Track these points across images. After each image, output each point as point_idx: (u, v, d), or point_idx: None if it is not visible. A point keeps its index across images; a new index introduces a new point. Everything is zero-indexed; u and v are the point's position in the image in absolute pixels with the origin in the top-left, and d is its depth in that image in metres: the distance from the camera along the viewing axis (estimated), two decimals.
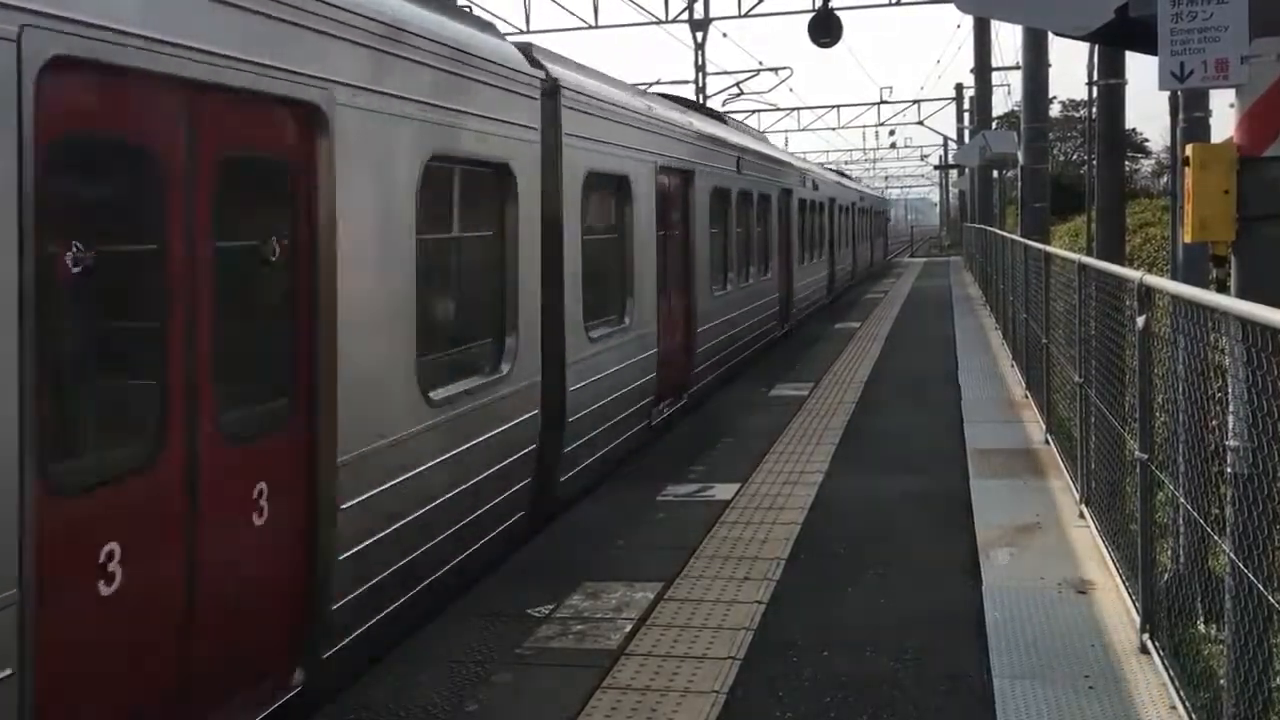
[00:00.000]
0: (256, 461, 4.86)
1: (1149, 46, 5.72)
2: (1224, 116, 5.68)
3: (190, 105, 4.40)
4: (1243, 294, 5.30)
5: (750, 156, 16.85)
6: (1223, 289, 5.58)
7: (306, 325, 5.20)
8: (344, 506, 5.37)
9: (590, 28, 30.56)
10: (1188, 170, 5.52)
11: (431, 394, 6.38)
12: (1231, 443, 4.61)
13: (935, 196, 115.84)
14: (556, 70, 8.80)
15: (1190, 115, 7.26)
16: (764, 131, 45.59)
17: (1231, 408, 4.75)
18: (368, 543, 5.62)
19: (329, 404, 5.25)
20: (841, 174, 41.79)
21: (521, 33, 27.54)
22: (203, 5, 4.37)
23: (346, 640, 5.48)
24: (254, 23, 4.67)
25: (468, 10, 8.74)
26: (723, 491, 8.85)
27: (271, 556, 4.98)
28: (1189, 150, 5.57)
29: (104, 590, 3.93)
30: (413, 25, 6.15)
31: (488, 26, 7.98)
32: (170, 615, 4.32)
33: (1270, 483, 3.90)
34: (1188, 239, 5.64)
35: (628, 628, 6.01)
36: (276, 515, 4.94)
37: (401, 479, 5.98)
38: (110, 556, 3.95)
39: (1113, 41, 7.44)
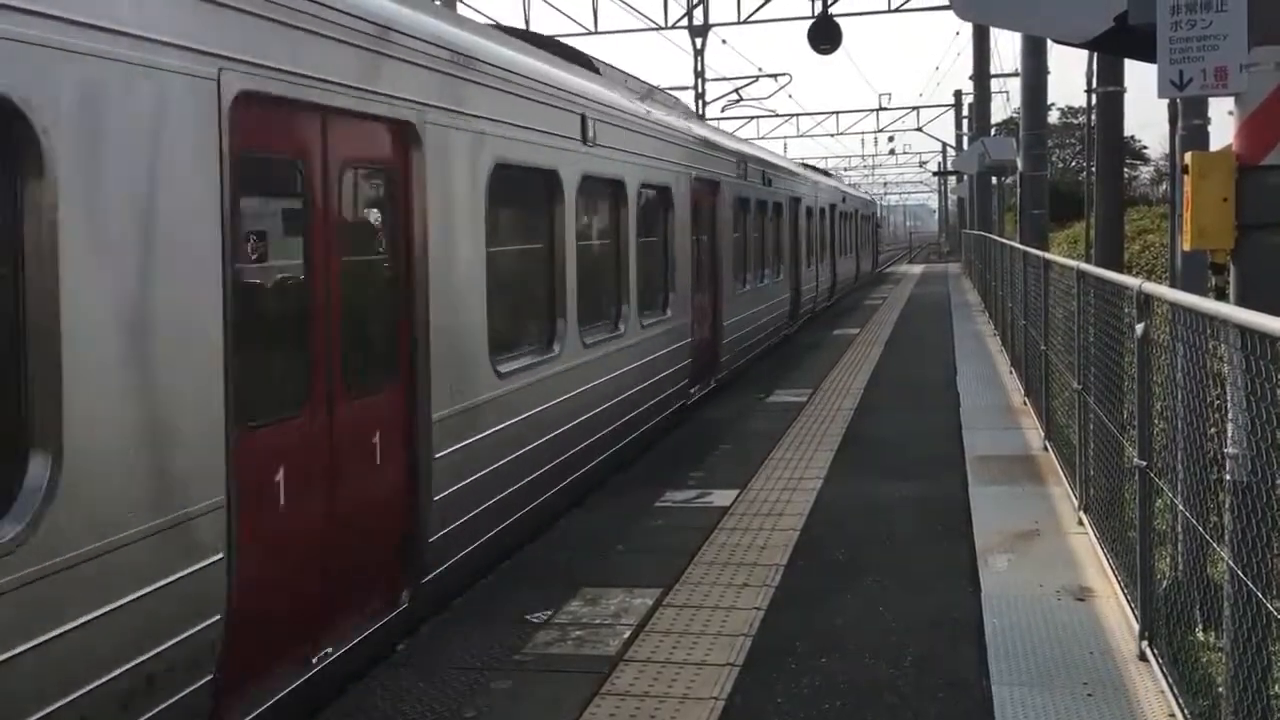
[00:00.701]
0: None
1: (1148, 54, 5.73)
2: (1224, 124, 5.71)
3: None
4: (1242, 301, 5.31)
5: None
6: (1221, 296, 5.59)
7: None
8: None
9: (590, 33, 30.60)
10: (1187, 178, 5.53)
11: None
12: (1230, 450, 4.61)
13: (934, 203, 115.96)
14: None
15: (1189, 123, 7.28)
16: (763, 137, 45.58)
17: (1230, 415, 4.75)
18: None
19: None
20: (818, 170, 33.80)
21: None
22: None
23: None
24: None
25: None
26: (721, 497, 8.85)
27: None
28: (1188, 158, 5.58)
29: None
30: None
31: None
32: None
33: (1269, 491, 3.90)
34: (1187, 247, 5.65)
35: (626, 633, 6.01)
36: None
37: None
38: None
39: (1112, 49, 7.44)
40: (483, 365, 7.07)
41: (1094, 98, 12.92)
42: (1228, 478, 4.57)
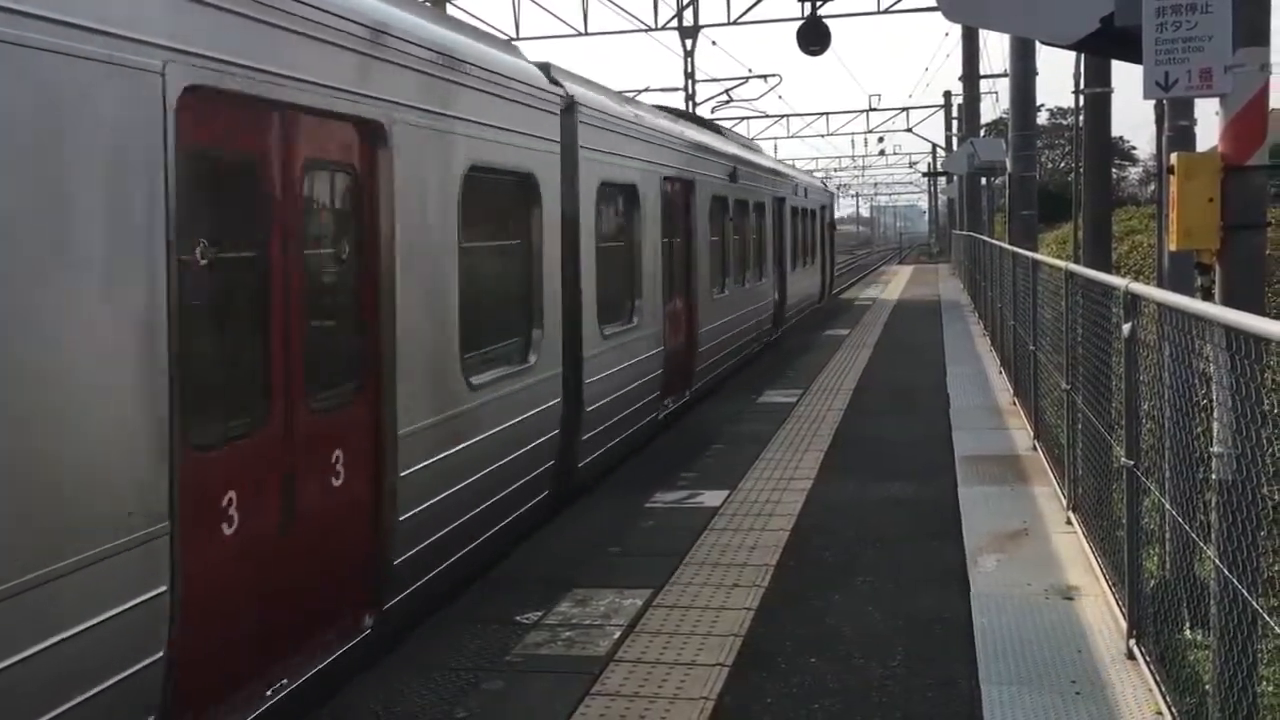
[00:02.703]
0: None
1: (1134, 55, 5.76)
2: (1211, 124, 5.72)
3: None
4: (1227, 301, 5.34)
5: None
6: (1208, 296, 5.62)
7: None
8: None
9: (580, 34, 30.60)
10: (1173, 179, 5.56)
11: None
12: (1216, 449, 4.64)
13: (924, 204, 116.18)
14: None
15: (1176, 124, 7.29)
16: (754, 138, 45.53)
17: (1216, 414, 4.78)
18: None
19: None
20: (748, 147, 21.78)
21: (511, 39, 27.54)
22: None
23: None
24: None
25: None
26: (712, 498, 8.87)
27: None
28: (1174, 159, 5.62)
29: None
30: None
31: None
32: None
33: (1254, 489, 3.93)
34: (1173, 247, 5.69)
35: (617, 634, 6.02)
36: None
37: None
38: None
39: (1099, 50, 7.48)
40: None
41: (1082, 99, 12.97)
42: (1214, 477, 4.60)
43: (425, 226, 6.38)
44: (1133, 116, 78.87)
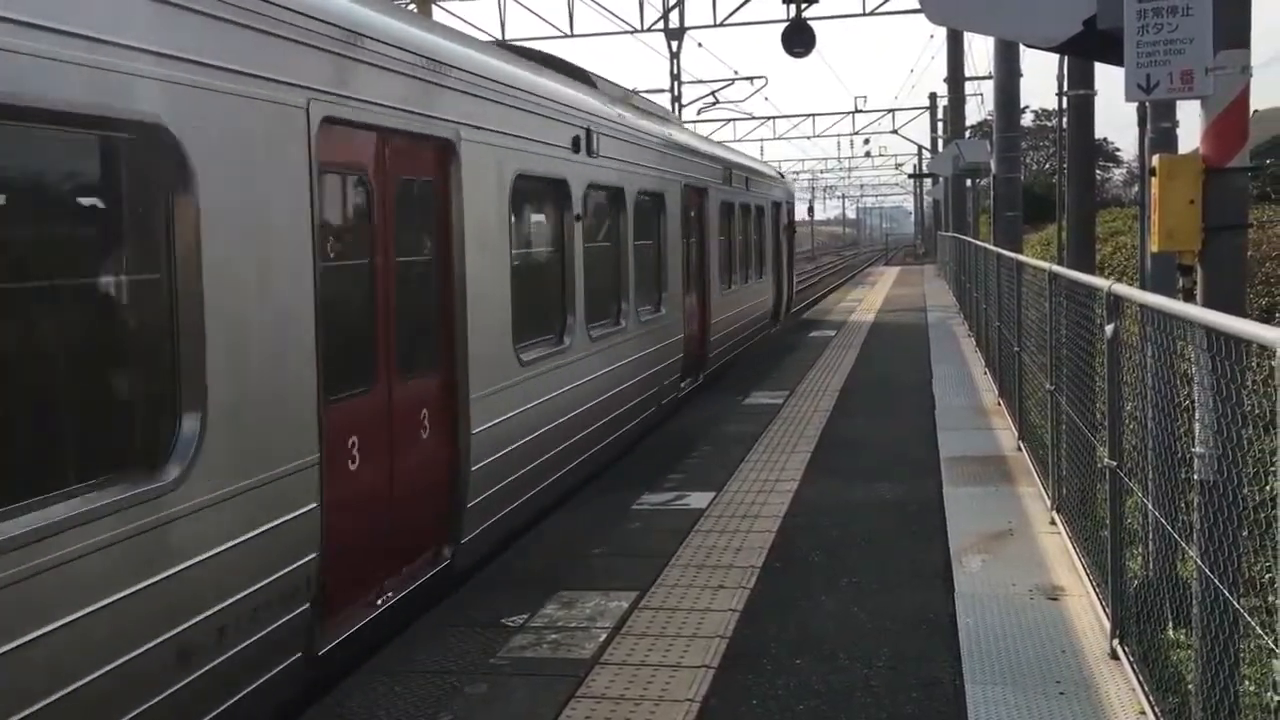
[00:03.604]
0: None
1: (1117, 58, 5.79)
2: (1194, 126, 5.75)
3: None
4: (1209, 302, 5.37)
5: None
6: (1189, 298, 5.65)
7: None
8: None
9: (565, 36, 30.60)
10: (1154, 180, 5.59)
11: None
12: (1198, 449, 4.66)
13: (910, 205, 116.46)
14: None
15: (1158, 126, 7.33)
16: (740, 140, 45.50)
17: (1198, 415, 4.80)
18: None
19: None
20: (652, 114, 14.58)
21: (498, 42, 27.51)
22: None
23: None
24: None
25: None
26: (698, 500, 8.88)
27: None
28: (1155, 161, 5.64)
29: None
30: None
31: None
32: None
33: (1235, 489, 3.95)
34: (1155, 248, 5.71)
35: (602, 636, 6.02)
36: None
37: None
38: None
39: (1081, 53, 7.51)
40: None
41: (1065, 101, 13.01)
42: (1196, 477, 4.62)
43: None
44: (1117, 118, 79.29)
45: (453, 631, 6.16)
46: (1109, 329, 5.61)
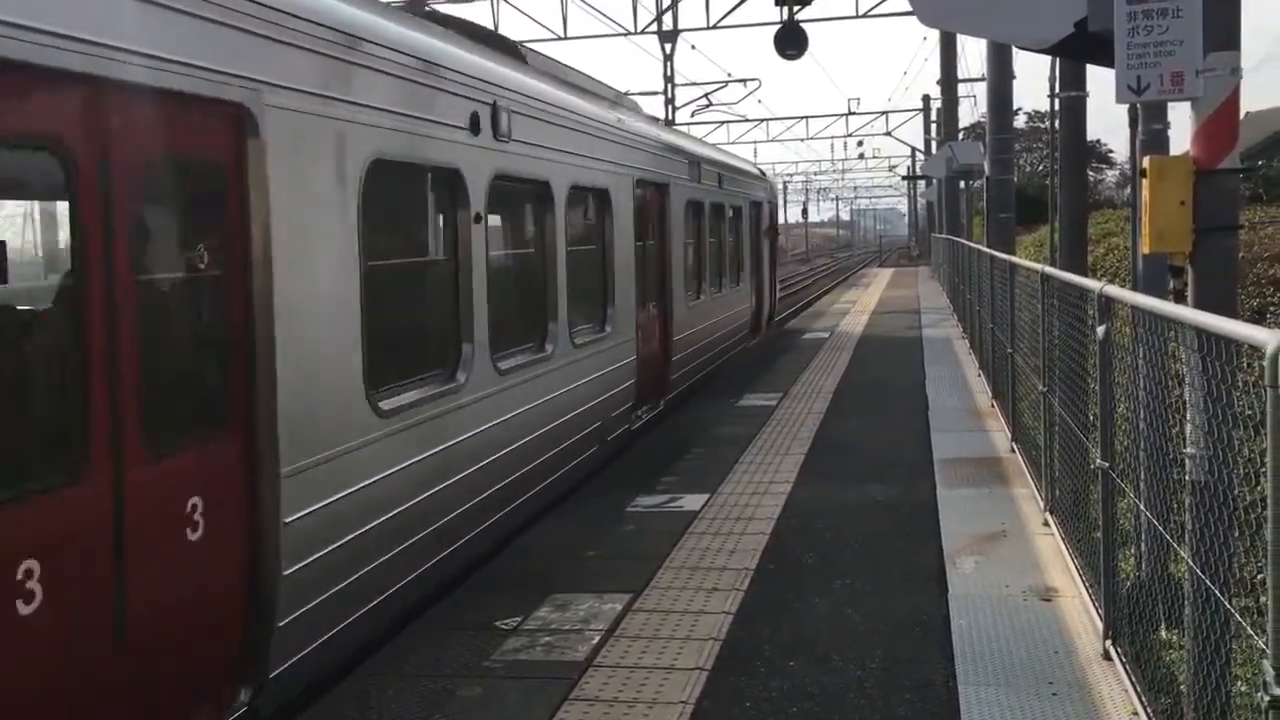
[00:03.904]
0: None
1: (1108, 60, 5.80)
2: (1186, 128, 5.75)
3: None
4: (1199, 304, 5.38)
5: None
6: (1180, 299, 5.66)
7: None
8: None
9: (559, 39, 30.60)
10: (1145, 182, 5.60)
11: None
12: (1189, 450, 4.67)
13: (904, 207, 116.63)
14: None
15: (1149, 127, 7.35)
16: (733, 142, 45.52)
17: (1189, 416, 4.82)
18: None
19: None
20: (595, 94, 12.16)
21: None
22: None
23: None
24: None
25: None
26: (691, 502, 8.88)
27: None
28: (1146, 162, 5.65)
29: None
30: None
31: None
32: None
33: (1227, 490, 3.96)
34: (1146, 250, 5.72)
35: (596, 639, 6.02)
36: None
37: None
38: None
39: (1073, 55, 7.51)
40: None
41: (1057, 103, 13.04)
42: (1187, 478, 4.63)
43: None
44: (1109, 120, 79.36)
45: (446, 634, 6.15)
46: (1101, 330, 5.62)
